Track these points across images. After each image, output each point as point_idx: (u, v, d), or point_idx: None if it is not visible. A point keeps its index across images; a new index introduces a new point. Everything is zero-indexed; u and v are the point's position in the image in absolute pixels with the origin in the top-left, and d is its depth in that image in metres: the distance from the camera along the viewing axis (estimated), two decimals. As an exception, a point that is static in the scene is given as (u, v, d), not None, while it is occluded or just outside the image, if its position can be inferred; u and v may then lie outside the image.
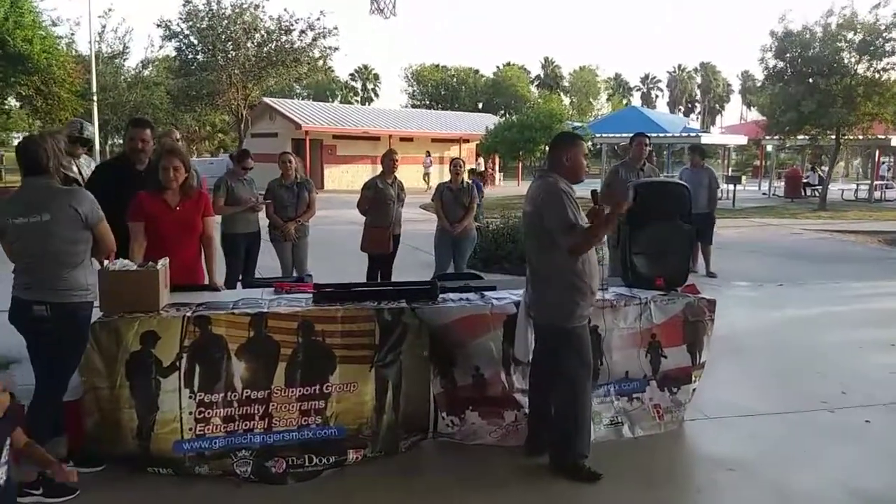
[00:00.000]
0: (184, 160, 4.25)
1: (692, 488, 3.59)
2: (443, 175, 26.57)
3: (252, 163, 6.46)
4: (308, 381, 3.55)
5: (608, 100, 71.53)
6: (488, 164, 32.74)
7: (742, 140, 30.38)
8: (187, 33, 23.57)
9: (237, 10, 22.99)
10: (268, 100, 27.20)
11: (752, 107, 71.59)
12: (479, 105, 56.08)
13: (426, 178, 26.06)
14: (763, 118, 26.37)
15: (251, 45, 23.18)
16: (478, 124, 29.98)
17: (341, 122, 27.98)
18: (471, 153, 31.29)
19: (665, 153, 33.51)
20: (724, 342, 5.57)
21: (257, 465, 3.43)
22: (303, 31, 23.05)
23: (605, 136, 28.04)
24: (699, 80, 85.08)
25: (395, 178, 6.72)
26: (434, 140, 30.44)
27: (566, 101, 64.02)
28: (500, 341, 3.85)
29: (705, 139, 26.09)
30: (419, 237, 9.90)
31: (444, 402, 3.81)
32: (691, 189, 8.98)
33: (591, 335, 3.92)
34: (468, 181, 7.33)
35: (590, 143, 25.65)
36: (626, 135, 24.90)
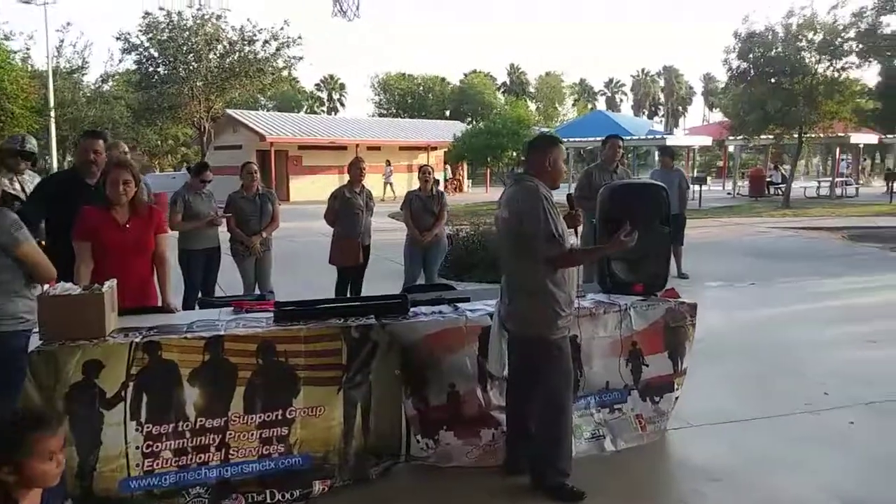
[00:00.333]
0: (134, 173, 3.99)
1: (678, 502, 3.43)
2: (410, 184, 26.42)
3: (211, 175, 6.18)
4: (269, 406, 3.30)
5: (574, 105, 72.07)
6: (458, 172, 32.66)
7: (707, 141, 30.71)
8: (147, 45, 23.02)
9: (198, 22, 22.53)
10: (231, 111, 26.70)
11: (713, 108, 72.89)
12: (447, 113, 56.00)
13: (390, 188, 25.68)
14: (726, 119, 26.70)
15: (213, 57, 22.72)
16: (445, 132, 29.84)
17: (307, 133, 27.60)
18: (439, 161, 31.13)
19: (630, 155, 33.80)
20: (700, 344, 5.42)
21: (213, 503, 3.17)
22: (266, 42, 22.71)
23: (571, 140, 28.12)
24: (662, 84, 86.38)
25: (363, 187, 6.51)
26: (402, 148, 30.23)
27: (532, 107, 64.38)
28: (475, 356, 3.65)
29: (670, 141, 26.28)
30: (388, 247, 9.69)
31: (418, 424, 3.60)
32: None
33: (570, 345, 3.77)
34: (438, 189, 7.13)
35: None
36: (592, 139, 25.15)
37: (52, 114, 24.29)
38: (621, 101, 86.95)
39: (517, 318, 3.33)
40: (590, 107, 67.71)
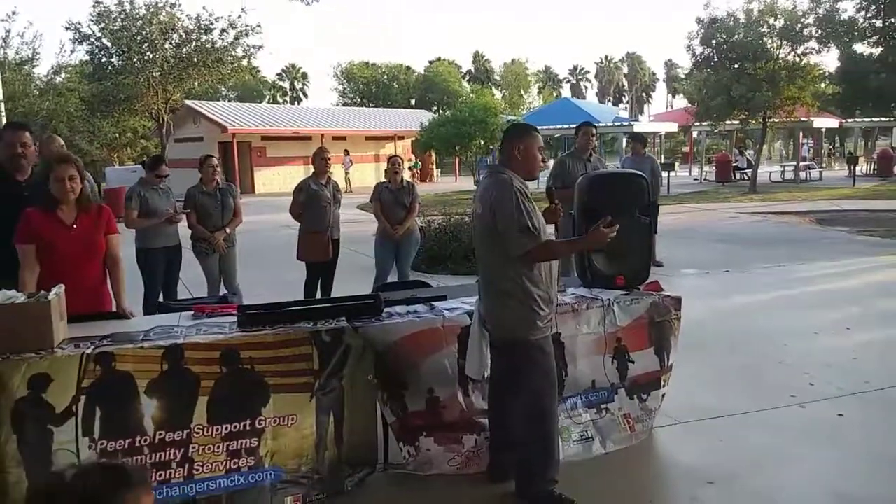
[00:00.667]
0: (79, 168, 3.69)
1: (673, 507, 3.29)
2: (378, 175, 26.04)
3: (167, 170, 5.85)
4: (236, 416, 3.06)
5: (539, 92, 72.14)
6: (429, 161, 32.33)
7: (672, 127, 30.89)
8: (99, 35, 22.17)
9: (152, 10, 21.76)
10: (191, 102, 26.01)
11: (676, 94, 73.62)
12: (412, 102, 55.56)
13: (347, 180, 25.16)
14: (690, 105, 26.88)
15: (169, 47, 21.98)
16: (412, 120, 29.50)
17: (270, 123, 27.05)
18: (406, 150, 30.83)
19: (597, 142, 33.88)
20: (681, 336, 5.35)
21: (178, 525, 2.93)
22: (224, 30, 22.05)
23: (538, 128, 28.03)
24: (626, 71, 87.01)
25: (329, 178, 6.24)
26: (368, 138, 29.84)
27: (498, 94, 64.26)
28: (454, 358, 3.45)
29: (637, 128, 26.35)
30: (359, 241, 9.44)
31: (396, 430, 3.39)
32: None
33: (553, 344, 3.58)
34: (408, 180, 6.89)
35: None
36: (558, 126, 25.07)
37: (2, 107, 23.35)
38: (586, 88, 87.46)
39: (495, 319, 3.13)
40: (555, 94, 67.78)
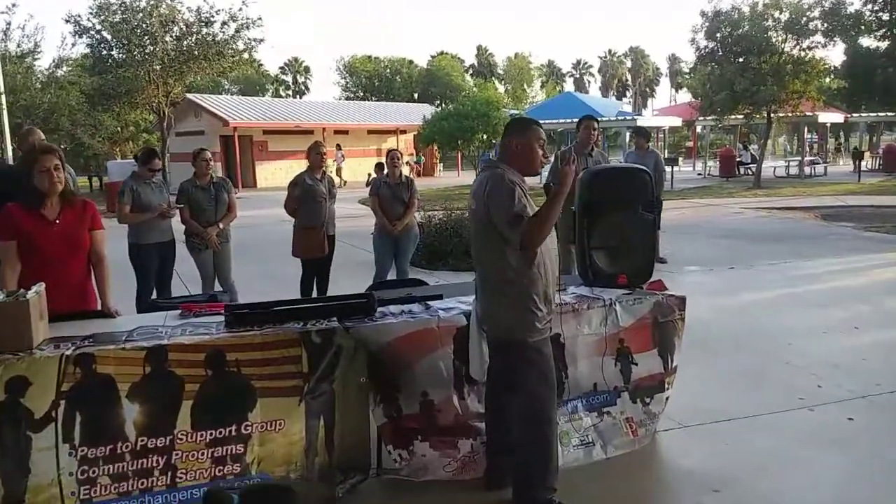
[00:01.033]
0: (62, 159, 3.57)
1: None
2: (382, 169, 25.86)
3: (159, 163, 5.73)
4: (222, 421, 2.94)
5: (542, 87, 71.82)
6: (431, 155, 32.15)
7: (676, 122, 30.65)
8: (99, 28, 22.00)
9: (152, 3, 21.57)
10: (192, 96, 25.87)
11: (680, 89, 73.26)
12: (415, 95, 55.32)
13: (339, 174, 24.90)
14: (694, 100, 26.66)
15: (169, 39, 21.80)
16: (414, 114, 29.30)
17: (272, 117, 26.90)
18: (409, 144, 30.67)
19: (601, 137, 33.70)
20: (685, 335, 5.22)
21: (160, 535, 2.81)
22: (224, 23, 21.86)
23: (541, 122, 27.84)
24: (629, 65, 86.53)
25: (325, 173, 6.11)
26: (370, 132, 29.68)
27: (501, 88, 63.98)
28: (450, 359, 3.32)
29: (640, 122, 26.16)
30: (358, 236, 9.32)
31: (389, 434, 3.26)
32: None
33: (554, 346, 3.46)
34: (406, 175, 6.75)
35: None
36: (561, 121, 24.88)
37: (3, 100, 23.23)
38: (589, 82, 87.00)
39: (491, 319, 3.00)
40: (558, 88, 67.44)
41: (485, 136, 21.06)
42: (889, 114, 29.94)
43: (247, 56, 23.24)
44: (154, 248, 5.64)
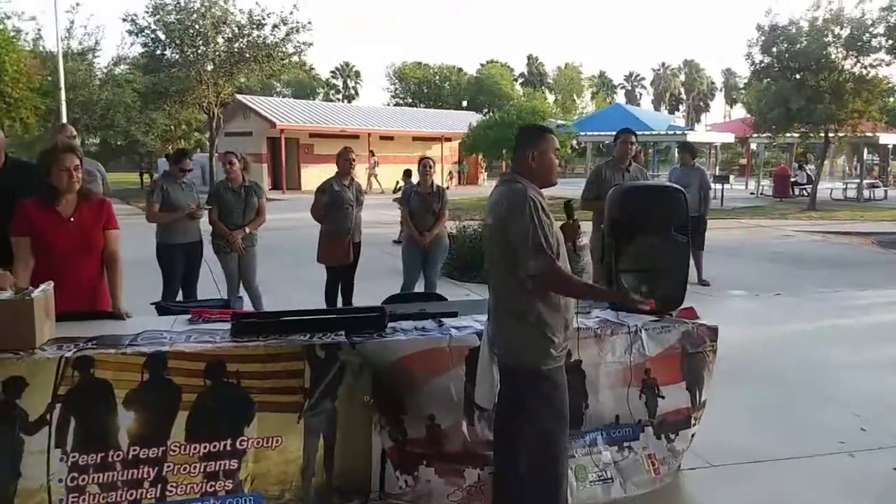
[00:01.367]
0: (81, 158, 3.55)
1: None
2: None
3: (191, 164, 5.75)
4: (216, 434, 2.83)
5: (592, 98, 71.10)
6: (477, 164, 32.00)
7: (729, 138, 29.92)
8: (154, 28, 22.59)
9: (206, 4, 22.04)
10: (241, 97, 26.30)
11: (734, 104, 71.58)
12: (463, 103, 55.33)
13: (374, 180, 24.87)
14: (748, 116, 25.93)
15: (221, 41, 22.24)
16: (460, 122, 29.24)
17: (318, 120, 27.14)
18: (453, 152, 30.61)
19: (651, 151, 33.09)
20: (721, 365, 4.88)
21: (145, 550, 2.71)
22: (275, 26, 22.23)
23: (589, 134, 27.51)
24: (683, 78, 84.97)
25: (353, 180, 6.02)
26: (415, 138, 29.71)
27: (550, 98, 63.52)
28: (461, 381, 3.15)
29: (691, 137, 25.56)
30: (389, 243, 9.22)
31: (395, 457, 3.11)
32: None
33: (574, 373, 3.27)
34: (438, 184, 6.62)
35: (574, 142, 25.08)
36: (610, 133, 24.39)
37: (63, 96, 24.00)
38: (640, 95, 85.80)
39: (503, 344, 2.81)
40: (609, 100, 66.62)
41: (529, 147, 20.81)
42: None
43: (296, 59, 23.50)
44: (181, 249, 5.64)
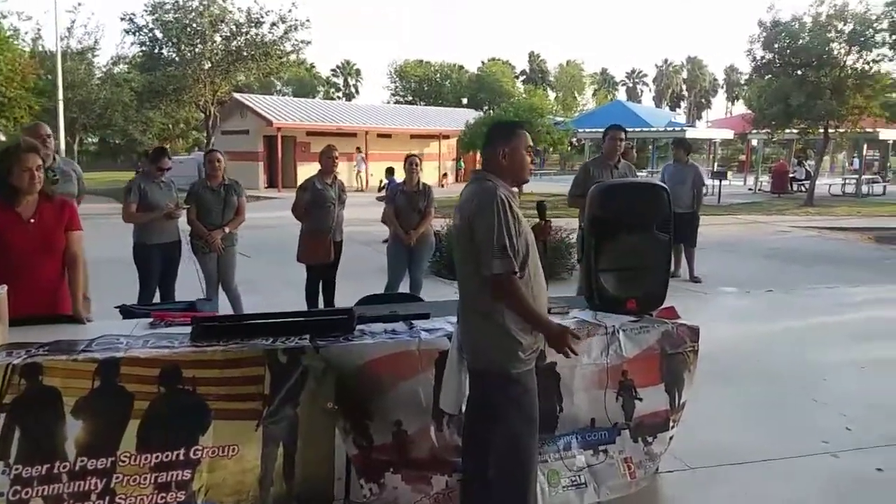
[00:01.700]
0: (43, 158, 3.46)
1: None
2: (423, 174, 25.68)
3: (169, 162, 5.63)
4: (169, 444, 2.73)
5: (594, 95, 70.90)
6: (475, 161, 31.86)
7: (728, 134, 29.78)
8: (152, 27, 22.52)
9: (205, 3, 21.94)
10: (238, 96, 26.18)
11: (736, 101, 71.31)
12: (464, 101, 55.17)
13: (358, 178, 24.69)
14: (748, 112, 25.76)
15: (219, 39, 22.14)
16: (458, 120, 29.06)
17: (315, 119, 27.00)
18: (451, 149, 30.48)
19: (651, 148, 32.96)
20: (707, 363, 4.79)
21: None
22: (273, 24, 22.12)
23: (588, 131, 27.40)
24: (685, 75, 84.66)
25: (335, 178, 5.93)
26: (413, 136, 29.56)
27: (552, 96, 63.35)
28: (430, 385, 3.04)
29: (690, 133, 25.46)
30: (375, 241, 9.12)
31: (360, 464, 3.01)
32: (674, 186, 8.33)
33: (548, 375, 3.17)
34: (424, 182, 6.51)
35: (574, 139, 24.94)
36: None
37: (60, 95, 23.94)
38: (642, 92, 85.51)
39: (470, 346, 2.72)
40: (610, 97, 66.42)
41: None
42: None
43: (294, 57, 23.41)
44: (158, 249, 5.53)
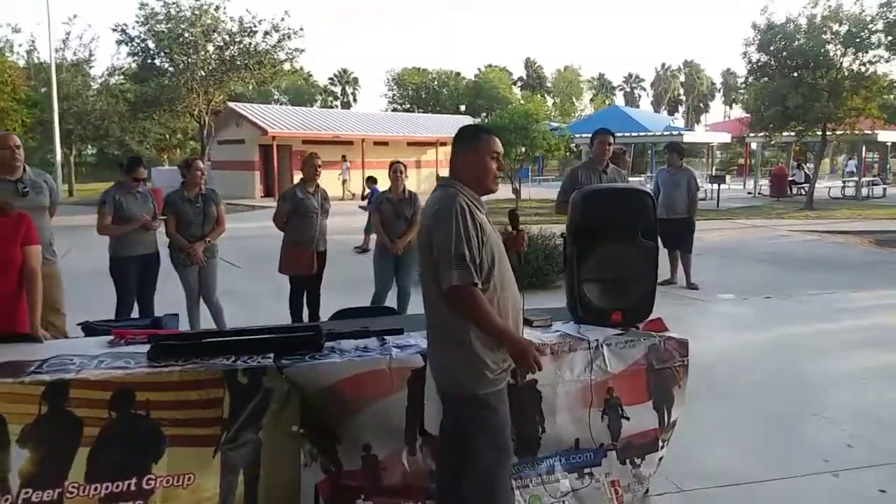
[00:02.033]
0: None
1: None
2: (419, 182, 25.59)
3: (145, 172, 5.46)
4: (120, 473, 2.56)
5: (591, 100, 70.83)
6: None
7: (725, 138, 29.64)
8: (144, 38, 22.41)
9: (196, 13, 21.84)
10: (233, 105, 26.03)
11: (733, 104, 71.18)
12: (462, 108, 55.11)
13: (344, 186, 24.42)
14: (746, 115, 25.62)
15: (212, 48, 22.03)
16: (455, 127, 28.17)
17: (311, 127, 26.85)
18: (448, 156, 30.31)
19: (649, 152, 32.81)
20: (701, 375, 4.63)
21: None
22: (266, 33, 22.01)
23: (584, 136, 27.23)
24: (683, 79, 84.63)
25: (318, 187, 5.77)
26: (410, 143, 29.43)
27: (549, 102, 63.26)
28: (402, 407, 2.87)
29: (688, 137, 25.32)
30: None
31: (327, 491, 2.83)
32: (668, 191, 8.24)
33: (529, 393, 3.01)
34: (410, 190, 6.35)
35: (574, 145, 24.75)
36: (606, 135, 24.10)
37: (56, 106, 23.86)
38: (640, 96, 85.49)
39: (436, 366, 2.55)
40: (608, 102, 66.31)
41: (523, 150, 20.51)
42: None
43: (287, 66, 23.29)
44: (135, 262, 5.36)
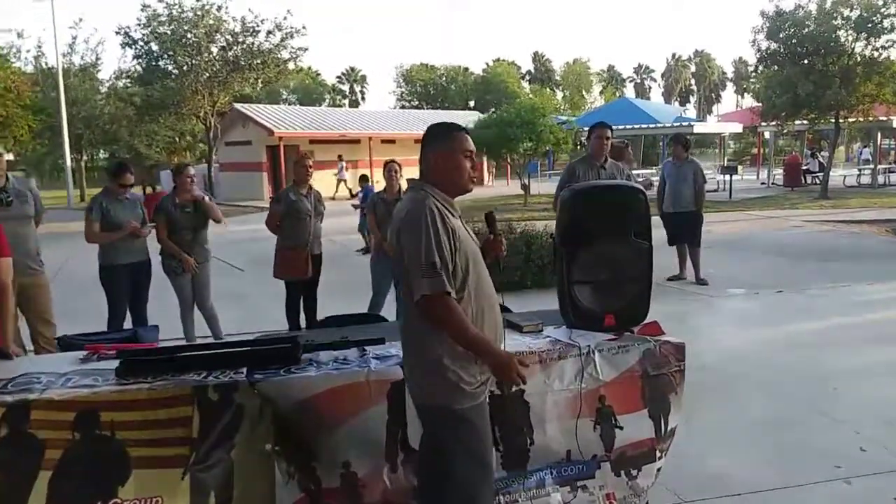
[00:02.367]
0: None
1: None
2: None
3: (132, 178, 5.35)
4: (84, 498, 2.44)
5: (601, 93, 70.32)
6: (479, 164, 31.51)
7: (737, 128, 29.20)
8: (147, 40, 22.41)
9: (199, 14, 21.78)
10: (239, 106, 25.98)
11: (744, 94, 70.37)
12: (470, 103, 54.87)
13: (341, 186, 24.17)
14: (757, 104, 25.23)
15: (215, 49, 21.98)
16: (463, 122, 28.71)
17: (318, 126, 26.75)
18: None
19: (661, 144, 32.43)
20: (709, 376, 4.50)
21: None
22: (269, 32, 21.94)
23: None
24: (694, 69, 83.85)
25: (311, 189, 5.65)
26: (417, 141, 29.13)
27: (559, 95, 62.91)
28: (382, 421, 2.74)
29: (698, 128, 24.98)
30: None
31: (306, 511, 2.71)
32: (674, 184, 8.03)
33: (516, 403, 2.86)
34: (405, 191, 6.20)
35: (583, 138, 24.50)
36: (618, 127, 23.83)
37: (63, 112, 23.96)
38: (650, 87, 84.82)
39: (411, 379, 2.41)
40: (618, 94, 65.81)
41: (529, 144, 20.26)
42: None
43: (292, 65, 23.21)
44: (126, 270, 5.26)
